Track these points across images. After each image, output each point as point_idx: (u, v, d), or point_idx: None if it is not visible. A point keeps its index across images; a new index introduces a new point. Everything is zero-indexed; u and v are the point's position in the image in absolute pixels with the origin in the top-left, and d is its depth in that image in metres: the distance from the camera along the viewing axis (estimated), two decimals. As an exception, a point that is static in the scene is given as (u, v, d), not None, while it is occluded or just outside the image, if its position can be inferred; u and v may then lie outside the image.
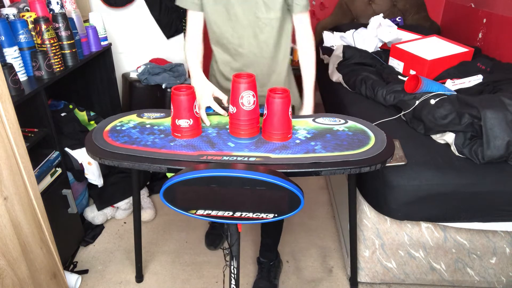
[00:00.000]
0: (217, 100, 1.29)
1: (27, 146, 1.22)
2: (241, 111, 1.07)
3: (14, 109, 1.10)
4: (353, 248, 1.53)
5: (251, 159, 1.02)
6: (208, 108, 1.27)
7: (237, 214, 0.96)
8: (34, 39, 1.57)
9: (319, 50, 2.83)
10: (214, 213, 0.96)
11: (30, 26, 1.56)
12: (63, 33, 1.66)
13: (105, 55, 2.12)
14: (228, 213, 0.96)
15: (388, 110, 1.78)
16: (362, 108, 1.83)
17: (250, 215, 0.95)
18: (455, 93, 1.67)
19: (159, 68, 2.41)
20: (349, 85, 2.06)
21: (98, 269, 1.77)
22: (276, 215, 0.95)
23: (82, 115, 2.08)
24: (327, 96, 2.42)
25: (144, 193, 2.21)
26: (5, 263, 1.09)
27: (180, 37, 2.71)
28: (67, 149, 1.81)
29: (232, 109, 1.09)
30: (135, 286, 1.69)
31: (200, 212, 0.96)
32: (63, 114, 1.95)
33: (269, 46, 1.35)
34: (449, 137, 1.47)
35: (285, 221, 2.02)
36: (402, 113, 1.68)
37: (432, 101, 1.56)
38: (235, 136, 1.12)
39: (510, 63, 2.03)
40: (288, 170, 0.97)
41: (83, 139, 1.38)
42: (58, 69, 1.63)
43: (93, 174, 1.89)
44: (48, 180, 1.56)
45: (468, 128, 1.42)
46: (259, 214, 0.95)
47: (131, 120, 1.26)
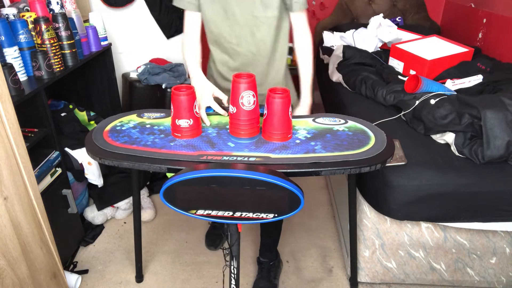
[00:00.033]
0: (217, 100, 1.29)
1: (27, 146, 1.22)
2: (241, 111, 1.07)
3: (14, 109, 1.10)
4: (353, 248, 1.53)
5: (251, 159, 1.02)
6: (208, 108, 1.27)
7: (237, 214, 0.96)
8: (34, 39, 1.57)
9: (319, 50, 2.83)
10: (214, 213, 0.96)
11: (30, 26, 1.56)
12: (63, 33, 1.66)
13: (105, 55, 2.12)
14: (228, 213, 0.96)
15: (388, 110, 1.78)
16: (362, 108, 1.83)
17: (250, 215, 0.95)
18: (455, 93, 1.67)
19: (159, 68, 2.41)
20: (349, 85, 2.06)
21: (98, 269, 1.77)
22: (276, 215, 0.95)
23: (82, 115, 2.08)
24: (327, 96, 2.42)
25: (144, 193, 2.21)
26: (5, 263, 1.09)
27: (180, 37, 2.72)
28: (67, 149, 1.81)
29: (232, 109, 1.09)
30: (135, 286, 1.69)
31: (200, 212, 0.96)
32: (63, 114, 1.95)
33: (267, 45, 1.36)
34: (449, 137, 1.47)
35: (285, 221, 2.03)
36: (402, 113, 1.68)
37: (432, 101, 1.56)
38: (235, 136, 1.12)
39: (510, 63, 2.03)
40: (288, 170, 0.97)
41: (83, 139, 1.38)
42: (58, 69, 1.63)
43: (93, 174, 1.89)
44: (48, 180, 1.56)
45: (468, 128, 1.42)
46: (259, 214, 0.95)
47: (131, 120, 1.26)
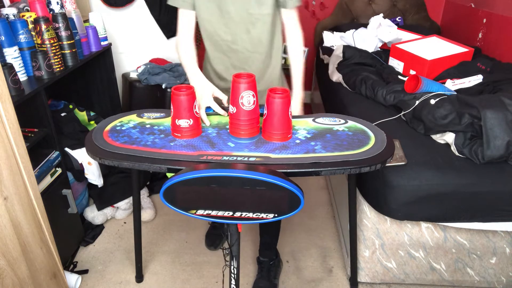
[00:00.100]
0: (217, 100, 1.29)
1: (27, 146, 1.22)
2: (241, 111, 1.07)
3: (14, 109, 1.10)
4: (353, 248, 1.53)
5: (251, 159, 1.02)
6: (208, 108, 1.27)
7: (237, 214, 0.96)
8: (34, 39, 1.57)
9: (319, 50, 2.83)
10: (214, 213, 0.96)
11: (30, 26, 1.56)
12: (63, 33, 1.66)
13: (105, 55, 2.12)
14: (228, 213, 0.96)
15: (388, 110, 1.78)
16: (362, 108, 1.83)
17: (250, 215, 0.95)
18: (455, 93, 1.67)
19: (159, 68, 2.41)
20: (349, 85, 2.06)
21: (98, 269, 1.77)
22: (276, 215, 0.95)
23: (82, 115, 2.08)
24: (327, 96, 2.42)
25: (144, 193, 2.21)
26: (5, 263, 1.09)
27: (180, 37, 2.72)
28: (67, 149, 1.81)
29: (232, 109, 1.09)
30: (135, 286, 1.69)
31: (200, 212, 0.96)
32: (63, 114, 1.95)
33: (262, 41, 1.36)
34: (449, 137, 1.47)
35: (285, 221, 2.03)
36: (402, 113, 1.68)
37: (432, 101, 1.56)
38: (235, 136, 1.12)
39: (510, 63, 2.03)
40: (288, 170, 0.97)
41: (83, 139, 1.38)
42: (58, 69, 1.63)
43: (93, 174, 1.89)
44: (48, 180, 1.56)
45: (468, 128, 1.42)
46: (259, 214, 0.95)
47: (131, 120, 1.26)
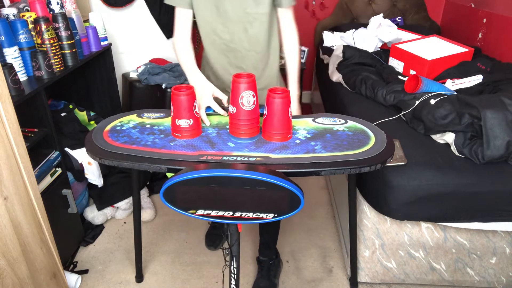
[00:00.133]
0: (217, 100, 1.29)
1: (27, 146, 1.22)
2: (241, 111, 1.07)
3: (14, 109, 1.10)
4: (353, 248, 1.53)
5: (251, 159, 1.02)
6: (208, 108, 1.27)
7: (237, 214, 0.96)
8: (34, 39, 1.57)
9: (319, 50, 2.83)
10: (214, 213, 0.96)
11: (30, 26, 1.56)
12: (63, 33, 1.66)
13: (105, 55, 2.12)
14: (228, 213, 0.96)
15: (388, 110, 1.78)
16: (362, 108, 1.83)
17: (250, 215, 0.95)
18: (455, 93, 1.67)
19: (159, 68, 2.41)
20: (349, 85, 2.06)
21: (98, 269, 1.77)
22: (276, 215, 0.95)
23: (82, 115, 2.08)
24: (327, 96, 2.42)
25: (144, 193, 2.21)
26: (5, 263, 1.09)
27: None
28: (67, 149, 1.81)
29: (232, 109, 1.09)
30: (135, 286, 1.69)
31: (200, 212, 0.96)
32: (63, 114, 1.95)
33: (260, 40, 1.36)
34: (449, 137, 1.47)
35: (285, 221, 2.03)
36: (402, 113, 1.68)
37: (432, 101, 1.56)
38: (235, 136, 1.12)
39: (510, 63, 2.03)
40: (288, 170, 0.97)
41: (83, 139, 1.38)
42: (58, 69, 1.63)
43: (93, 174, 1.89)
44: (48, 180, 1.56)
45: (468, 128, 1.42)
46: (259, 214, 0.95)
47: (131, 120, 1.26)
